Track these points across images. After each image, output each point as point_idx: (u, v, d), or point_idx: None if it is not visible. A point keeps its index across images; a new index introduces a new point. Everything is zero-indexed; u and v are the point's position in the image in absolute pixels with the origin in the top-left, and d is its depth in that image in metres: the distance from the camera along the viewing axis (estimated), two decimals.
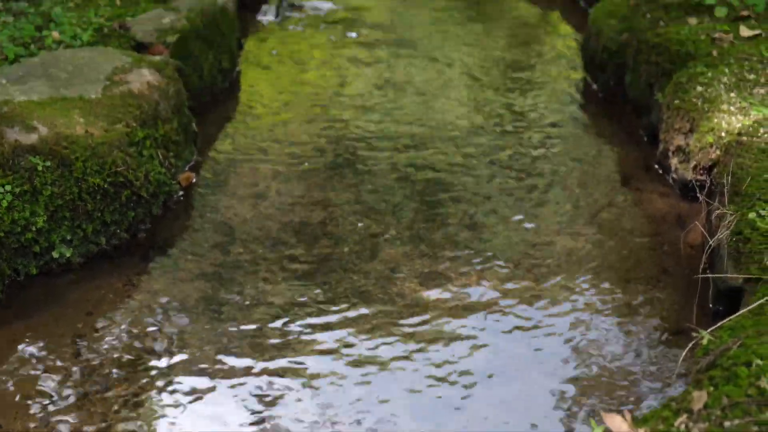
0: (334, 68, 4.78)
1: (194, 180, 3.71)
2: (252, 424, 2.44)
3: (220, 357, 2.69)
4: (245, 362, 2.67)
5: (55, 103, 3.32)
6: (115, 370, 2.62)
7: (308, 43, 5.07)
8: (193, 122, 3.89)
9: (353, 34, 5.02)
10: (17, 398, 2.50)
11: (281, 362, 2.67)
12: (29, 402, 2.49)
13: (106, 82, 3.54)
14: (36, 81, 3.48)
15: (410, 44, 5.06)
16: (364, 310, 2.91)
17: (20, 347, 2.71)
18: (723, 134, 3.29)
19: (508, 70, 4.77)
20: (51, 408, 2.47)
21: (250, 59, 4.90)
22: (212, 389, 2.57)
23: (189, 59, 4.22)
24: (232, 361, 2.67)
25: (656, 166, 3.81)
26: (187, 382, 2.59)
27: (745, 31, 3.99)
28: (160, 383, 2.58)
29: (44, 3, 4.44)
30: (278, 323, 2.84)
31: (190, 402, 2.52)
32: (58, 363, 2.64)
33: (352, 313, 2.90)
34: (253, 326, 2.82)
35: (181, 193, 3.59)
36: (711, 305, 2.87)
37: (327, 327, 2.83)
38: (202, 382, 2.59)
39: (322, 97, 4.46)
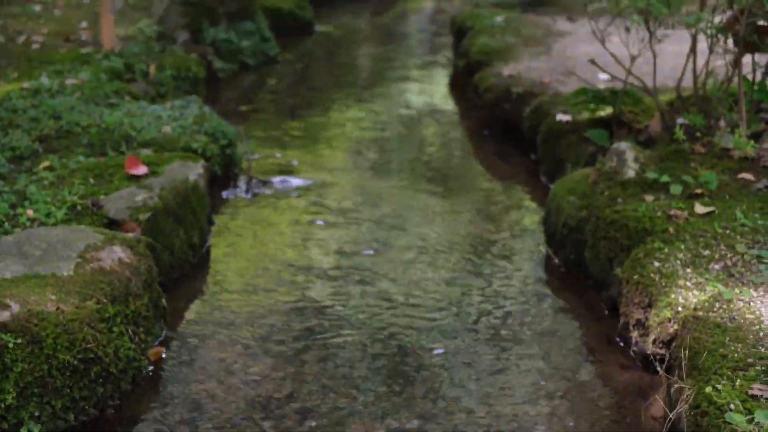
0: (303, 244, 4.88)
1: (163, 355, 3.75)
2: None
3: None
4: None
5: (29, 281, 3.38)
6: None
7: (278, 219, 5.19)
8: (162, 298, 3.96)
9: (320, 222, 5.15)
10: None
11: None
12: None
13: (78, 259, 3.62)
14: (10, 259, 3.56)
15: (377, 220, 5.18)
16: None
17: None
18: (680, 309, 3.39)
19: (472, 246, 4.88)
20: None
21: (220, 235, 5.00)
22: None
23: (160, 236, 4.31)
24: None
25: (618, 339, 3.89)
26: None
27: (699, 209, 4.13)
28: None
29: (19, 181, 4.55)
30: None
31: None
32: None
33: None
34: None
35: (150, 368, 3.63)
36: None
37: None
38: None
39: (291, 273, 4.54)
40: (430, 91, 7.87)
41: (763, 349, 3.03)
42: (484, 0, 9.71)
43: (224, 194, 5.51)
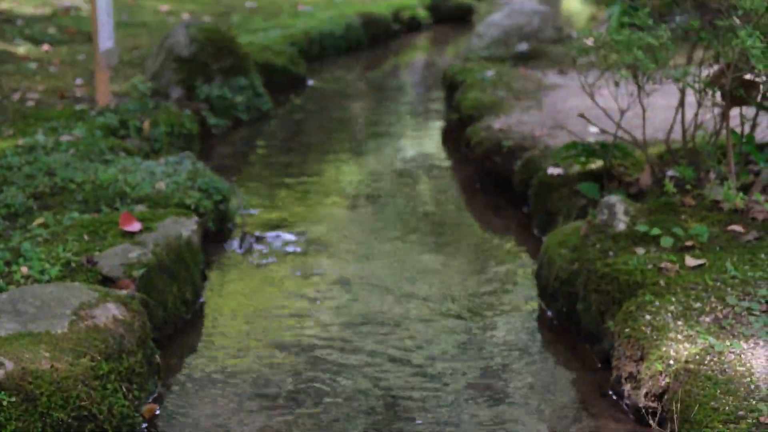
0: (296, 300, 4.90)
1: (157, 411, 3.75)
2: None
3: None
4: None
5: (23, 338, 3.40)
6: None
7: (271, 275, 5.21)
8: (156, 354, 3.97)
9: (313, 278, 5.18)
10: None
11: None
12: None
13: (72, 316, 3.64)
14: (5, 317, 3.57)
15: (371, 276, 5.20)
16: None
17: None
18: (672, 362, 3.41)
19: (466, 300, 4.90)
20: None
21: (214, 291, 5.01)
22: None
23: (154, 292, 4.33)
24: None
25: (610, 392, 3.90)
26: None
27: (690, 261, 4.16)
28: None
29: (13, 238, 4.57)
30: None
31: None
32: None
33: None
34: None
35: (144, 425, 3.63)
36: None
37: None
38: None
39: (284, 330, 4.55)
40: (423, 144, 7.92)
41: (754, 402, 3.04)
42: (475, 54, 9.80)
43: (218, 250, 5.54)
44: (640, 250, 4.32)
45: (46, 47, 9.44)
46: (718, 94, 4.86)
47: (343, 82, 10.32)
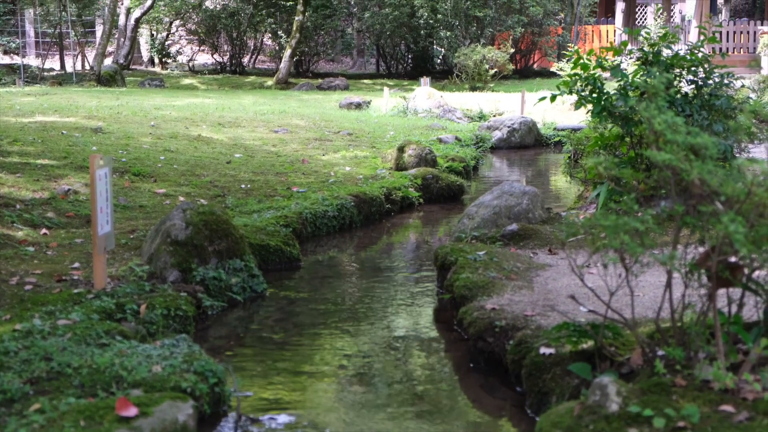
0: None
1: None
2: None
3: None
4: None
5: None
6: None
7: None
8: None
9: None
10: None
11: None
12: None
13: None
14: None
15: None
16: None
17: None
18: None
19: None
20: None
21: None
22: None
23: None
24: None
25: None
26: None
27: None
28: None
29: (9, 426, 4.59)
30: None
31: None
32: None
33: None
34: None
35: None
36: None
37: None
38: None
39: None
40: (415, 324, 8.00)
41: None
42: (466, 234, 9.97)
43: None
44: (634, 431, 4.35)
45: (44, 231, 9.60)
46: (704, 276, 4.98)
47: (336, 262, 10.47)
